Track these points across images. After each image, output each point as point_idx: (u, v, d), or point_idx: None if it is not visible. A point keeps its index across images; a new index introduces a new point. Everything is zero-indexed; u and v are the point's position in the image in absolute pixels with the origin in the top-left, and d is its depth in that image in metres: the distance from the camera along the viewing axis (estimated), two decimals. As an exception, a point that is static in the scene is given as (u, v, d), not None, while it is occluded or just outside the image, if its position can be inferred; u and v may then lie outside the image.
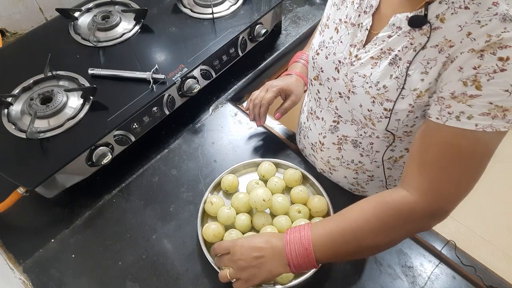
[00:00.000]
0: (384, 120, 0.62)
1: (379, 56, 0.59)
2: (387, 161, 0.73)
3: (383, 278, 0.71)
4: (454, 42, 0.51)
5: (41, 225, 0.80)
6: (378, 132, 0.67)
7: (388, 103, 0.60)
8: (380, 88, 0.60)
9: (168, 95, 0.85)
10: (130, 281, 0.71)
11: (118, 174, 0.86)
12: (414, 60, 0.55)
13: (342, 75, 0.66)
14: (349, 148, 0.74)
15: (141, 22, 0.98)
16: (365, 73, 0.61)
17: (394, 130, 0.64)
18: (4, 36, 1.08)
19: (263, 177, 0.81)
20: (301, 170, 0.81)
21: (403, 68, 0.57)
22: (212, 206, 0.75)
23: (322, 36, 0.70)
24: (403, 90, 0.58)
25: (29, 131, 0.74)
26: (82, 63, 0.89)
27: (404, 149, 0.70)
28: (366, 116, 0.65)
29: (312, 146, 0.83)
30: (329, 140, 0.76)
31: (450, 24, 0.51)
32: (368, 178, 0.78)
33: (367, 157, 0.73)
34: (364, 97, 0.63)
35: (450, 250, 0.74)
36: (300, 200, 0.77)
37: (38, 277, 0.73)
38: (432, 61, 0.54)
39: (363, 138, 0.70)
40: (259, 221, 0.74)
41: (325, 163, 0.81)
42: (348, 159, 0.76)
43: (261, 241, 0.62)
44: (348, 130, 0.72)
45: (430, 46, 0.53)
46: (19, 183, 0.71)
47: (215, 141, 0.92)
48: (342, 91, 0.67)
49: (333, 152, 0.78)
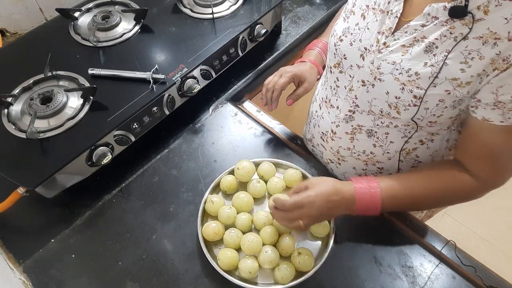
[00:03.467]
0: (411, 108, 0.63)
1: (411, 44, 0.59)
2: (400, 153, 0.73)
3: (383, 278, 0.71)
4: (499, 35, 0.51)
5: (41, 225, 0.80)
6: (401, 122, 0.67)
7: (418, 90, 0.60)
8: (412, 75, 0.60)
9: (168, 95, 0.85)
10: (130, 281, 0.72)
11: (118, 174, 0.86)
12: (453, 49, 0.55)
13: (367, 62, 0.66)
14: (362, 138, 0.74)
15: (141, 22, 0.98)
16: (395, 60, 0.61)
17: (419, 120, 0.64)
18: (4, 36, 1.08)
19: (263, 178, 0.81)
20: (301, 170, 0.81)
21: (440, 57, 0.57)
22: (213, 205, 0.75)
23: (346, 23, 0.69)
24: (436, 79, 0.58)
25: (29, 131, 0.74)
26: (82, 63, 0.89)
27: (418, 141, 0.70)
28: (391, 104, 0.65)
29: (322, 135, 0.83)
30: (342, 129, 0.76)
31: (494, 16, 0.51)
32: (377, 170, 0.79)
33: (380, 147, 0.74)
34: (392, 84, 0.63)
35: (450, 250, 0.74)
36: None
37: (38, 277, 0.73)
38: (475, 52, 0.54)
39: (379, 128, 0.71)
40: (260, 221, 0.74)
41: (334, 153, 0.81)
42: (359, 149, 0.76)
43: (332, 191, 0.66)
44: (364, 120, 0.72)
45: (473, 37, 0.54)
46: (19, 183, 0.71)
47: (215, 141, 0.92)
48: (367, 79, 0.67)
49: (344, 142, 0.78)
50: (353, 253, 0.74)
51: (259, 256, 0.70)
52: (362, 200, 0.65)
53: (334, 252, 0.72)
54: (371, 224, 0.77)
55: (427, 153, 0.73)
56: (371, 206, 0.66)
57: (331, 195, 0.65)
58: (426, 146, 0.72)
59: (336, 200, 0.65)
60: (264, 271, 0.71)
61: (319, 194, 0.65)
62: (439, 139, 0.71)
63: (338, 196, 0.65)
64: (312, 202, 0.65)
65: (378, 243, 0.75)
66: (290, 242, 0.71)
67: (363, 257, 0.73)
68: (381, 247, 0.74)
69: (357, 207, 0.66)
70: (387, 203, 0.66)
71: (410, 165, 0.76)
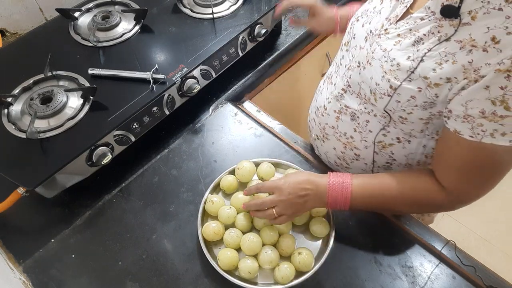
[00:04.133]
0: (385, 98, 0.64)
1: (405, 35, 0.60)
2: (376, 144, 0.74)
3: (383, 278, 0.71)
4: (477, 43, 0.51)
5: (41, 225, 0.80)
6: (377, 110, 0.68)
7: (394, 81, 0.61)
8: (394, 65, 0.61)
9: (168, 95, 0.85)
10: (130, 281, 0.72)
11: (118, 174, 0.87)
12: (434, 48, 0.56)
13: (367, 45, 0.67)
14: (346, 120, 0.75)
15: (141, 22, 0.98)
16: (387, 47, 0.62)
17: (391, 112, 0.65)
18: (4, 36, 1.08)
19: (262, 178, 0.81)
20: (301, 170, 0.81)
21: (421, 53, 0.57)
22: (213, 205, 0.75)
23: (368, 4, 0.72)
24: (412, 74, 0.58)
25: (29, 131, 0.74)
26: (82, 63, 0.89)
27: (395, 138, 0.71)
28: (372, 90, 0.66)
29: (316, 110, 0.85)
30: (331, 107, 0.78)
31: (479, 23, 0.51)
32: (354, 156, 0.79)
33: (359, 134, 0.75)
34: (377, 70, 0.64)
35: (450, 250, 0.74)
36: None
37: (38, 277, 0.73)
38: (451, 55, 0.54)
39: (361, 113, 0.72)
40: (260, 221, 0.74)
41: (321, 130, 0.83)
42: (342, 130, 0.78)
43: (305, 180, 0.68)
44: (352, 102, 0.73)
45: (454, 40, 0.54)
46: (19, 183, 0.71)
47: (215, 141, 0.92)
48: (362, 61, 0.68)
49: (331, 120, 0.79)
50: (353, 253, 0.74)
51: (259, 256, 0.70)
52: (332, 192, 0.67)
53: (334, 252, 0.72)
54: (371, 224, 0.77)
55: (402, 153, 0.73)
56: (341, 199, 0.67)
57: (302, 183, 0.67)
58: (402, 146, 0.72)
59: (308, 188, 0.67)
60: (264, 271, 0.71)
61: (290, 182, 0.67)
62: (416, 142, 0.70)
63: (310, 185, 0.67)
64: (280, 186, 0.67)
65: (378, 243, 0.75)
66: (290, 242, 0.71)
67: (363, 257, 0.73)
68: (381, 247, 0.74)
69: (328, 200, 0.67)
70: (357, 199, 0.67)
71: (385, 161, 0.76)
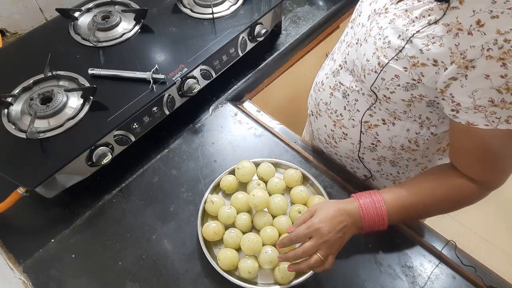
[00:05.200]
0: (372, 75, 0.65)
1: (400, 15, 0.61)
2: (363, 124, 0.75)
3: (383, 278, 0.71)
4: (463, 26, 0.52)
5: (41, 225, 0.80)
6: (365, 88, 0.69)
7: (383, 59, 0.62)
8: (386, 42, 0.62)
9: (168, 95, 0.85)
10: (130, 281, 0.71)
11: (118, 174, 0.86)
12: (422, 30, 0.57)
13: (368, 23, 0.68)
14: (338, 97, 0.77)
15: (141, 22, 0.98)
16: (382, 25, 0.63)
17: (376, 90, 0.66)
18: (4, 36, 1.08)
19: (262, 179, 0.81)
20: (301, 170, 0.81)
21: (410, 34, 0.58)
22: (213, 205, 0.75)
23: None
24: (400, 53, 0.60)
25: (29, 131, 0.74)
26: (82, 63, 0.89)
27: (381, 119, 0.72)
28: (363, 66, 0.67)
29: (315, 85, 0.86)
30: (328, 82, 0.79)
31: (467, 7, 0.52)
32: (342, 135, 0.81)
33: (348, 112, 0.76)
34: (370, 47, 0.65)
35: (450, 250, 0.74)
36: (300, 200, 0.77)
37: (38, 277, 0.73)
38: (438, 38, 0.55)
39: (352, 91, 0.73)
40: (260, 221, 0.74)
41: (316, 105, 0.85)
42: (333, 107, 0.79)
43: (337, 211, 0.64)
44: (345, 79, 0.74)
45: (442, 23, 0.55)
46: (19, 183, 0.71)
47: (215, 141, 0.92)
48: (360, 38, 0.69)
49: (325, 95, 0.80)
50: (353, 253, 0.74)
51: (259, 256, 0.70)
52: (367, 215, 0.64)
53: (334, 252, 0.72)
54: (371, 224, 0.77)
55: (387, 135, 0.74)
56: (378, 220, 0.65)
57: (336, 216, 0.64)
58: (387, 128, 0.73)
59: (343, 219, 0.64)
60: (264, 271, 0.71)
61: (324, 219, 0.63)
62: (400, 125, 0.71)
63: (343, 215, 0.64)
64: (318, 228, 0.62)
65: (378, 243, 0.75)
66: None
67: (363, 257, 0.73)
68: (381, 247, 0.74)
69: (364, 224, 0.65)
70: (393, 216, 0.65)
71: (370, 142, 0.78)
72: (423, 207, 0.66)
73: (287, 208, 0.76)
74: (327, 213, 0.64)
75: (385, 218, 0.64)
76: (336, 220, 0.63)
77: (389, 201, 0.65)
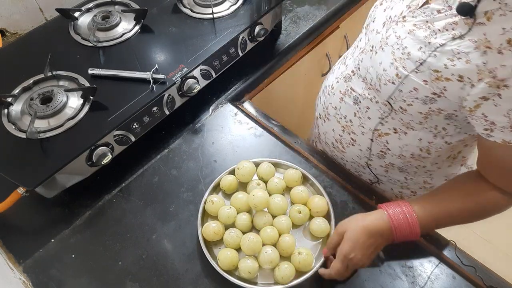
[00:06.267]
0: (389, 85, 0.64)
1: (420, 26, 0.60)
2: (373, 132, 0.74)
3: (383, 278, 0.71)
4: (491, 44, 0.51)
5: (41, 225, 0.80)
6: (379, 97, 0.68)
7: (402, 70, 0.61)
8: (405, 53, 0.61)
9: (168, 95, 0.85)
10: (130, 281, 0.72)
11: (118, 174, 0.86)
12: (446, 44, 0.56)
13: (384, 30, 0.67)
14: (348, 102, 0.76)
15: (141, 22, 0.98)
16: (401, 35, 0.62)
17: (392, 101, 0.65)
18: (4, 36, 1.08)
19: (262, 179, 0.81)
20: (301, 170, 0.81)
21: (432, 47, 0.57)
22: (213, 205, 0.75)
23: None
24: (421, 66, 0.59)
25: (29, 131, 0.74)
26: (82, 63, 0.89)
27: (392, 128, 0.71)
28: (378, 75, 0.66)
29: (324, 88, 0.86)
30: (338, 87, 0.79)
31: (495, 24, 0.51)
32: (350, 141, 0.80)
33: (359, 119, 0.75)
34: (387, 56, 0.64)
35: (450, 250, 0.74)
36: (300, 200, 0.77)
37: (38, 277, 0.73)
38: (464, 54, 0.54)
39: (364, 98, 0.72)
40: (260, 221, 0.74)
41: (324, 109, 0.84)
42: (343, 112, 0.78)
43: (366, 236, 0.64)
44: (357, 86, 0.74)
45: (468, 39, 0.54)
46: (19, 183, 0.71)
47: (215, 141, 0.92)
48: (375, 45, 0.68)
49: (335, 100, 0.80)
50: (353, 253, 0.73)
51: (259, 256, 0.70)
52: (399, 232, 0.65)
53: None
54: (371, 224, 0.77)
55: (397, 144, 0.74)
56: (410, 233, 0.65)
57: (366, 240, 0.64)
58: (398, 136, 0.72)
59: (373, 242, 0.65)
60: (264, 271, 0.71)
61: (354, 247, 0.64)
62: (412, 135, 0.70)
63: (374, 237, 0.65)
64: (351, 259, 0.64)
65: (378, 243, 0.75)
66: (290, 242, 0.71)
67: (363, 257, 0.73)
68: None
69: (397, 237, 0.65)
70: (425, 228, 0.66)
71: (379, 149, 0.77)
72: (454, 220, 0.68)
73: (287, 208, 0.76)
74: (356, 238, 0.64)
75: (418, 230, 0.65)
76: (367, 244, 0.64)
77: (421, 216, 0.65)
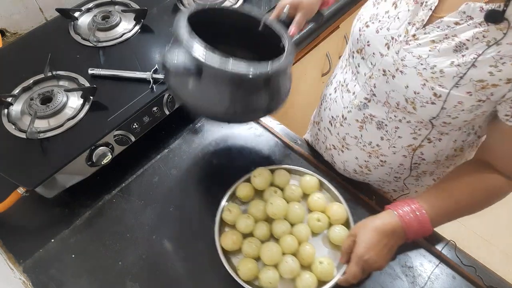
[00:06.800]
0: (429, 106, 0.62)
1: (441, 41, 0.58)
2: (406, 148, 0.72)
3: (383, 278, 0.71)
4: None
5: (41, 225, 0.80)
6: (415, 118, 0.66)
7: (440, 89, 0.59)
8: (436, 72, 0.59)
9: (168, 95, 0.85)
10: (130, 281, 0.71)
11: (118, 174, 0.86)
12: (484, 52, 0.55)
13: (392, 52, 0.64)
14: (371, 129, 0.73)
15: (141, 22, 0.98)
16: (421, 54, 0.60)
17: (434, 119, 0.64)
18: (4, 36, 1.08)
19: (278, 186, 0.79)
20: (318, 177, 0.79)
21: (469, 58, 0.56)
22: (230, 214, 0.74)
23: (376, 8, 0.68)
24: (461, 80, 0.57)
25: (29, 131, 0.74)
26: (82, 63, 0.89)
27: (426, 139, 0.70)
28: (408, 99, 0.63)
29: (331, 120, 0.81)
30: (353, 116, 0.75)
31: None
32: (379, 163, 0.78)
33: (387, 141, 0.73)
34: (414, 78, 0.61)
35: (450, 250, 0.74)
36: (318, 207, 0.75)
37: (38, 277, 0.73)
38: (507, 57, 0.54)
39: (390, 121, 0.70)
40: (279, 229, 0.72)
41: (340, 140, 0.80)
42: (366, 139, 0.75)
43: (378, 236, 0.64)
44: (378, 111, 0.71)
45: (507, 43, 0.53)
46: (19, 183, 0.71)
47: (215, 141, 0.92)
48: (388, 69, 0.65)
49: (353, 129, 0.76)
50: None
51: (279, 266, 0.68)
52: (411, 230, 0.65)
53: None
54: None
55: (433, 151, 0.72)
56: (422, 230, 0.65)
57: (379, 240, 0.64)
58: (433, 145, 0.71)
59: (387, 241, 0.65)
60: (284, 280, 0.69)
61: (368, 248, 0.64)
62: (447, 139, 0.70)
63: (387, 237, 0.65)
64: (366, 260, 0.64)
65: (378, 243, 0.75)
66: (311, 251, 0.69)
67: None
68: (381, 247, 0.74)
69: (409, 235, 0.65)
70: (436, 223, 0.66)
71: (413, 162, 0.75)
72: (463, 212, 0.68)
73: (305, 216, 0.75)
74: (369, 239, 0.64)
75: (429, 226, 0.65)
76: (380, 244, 0.64)
77: (432, 212, 0.65)
